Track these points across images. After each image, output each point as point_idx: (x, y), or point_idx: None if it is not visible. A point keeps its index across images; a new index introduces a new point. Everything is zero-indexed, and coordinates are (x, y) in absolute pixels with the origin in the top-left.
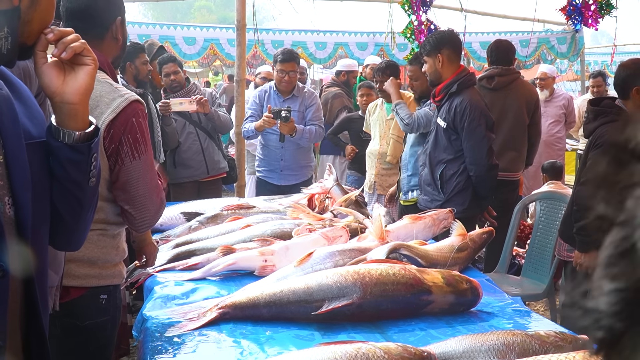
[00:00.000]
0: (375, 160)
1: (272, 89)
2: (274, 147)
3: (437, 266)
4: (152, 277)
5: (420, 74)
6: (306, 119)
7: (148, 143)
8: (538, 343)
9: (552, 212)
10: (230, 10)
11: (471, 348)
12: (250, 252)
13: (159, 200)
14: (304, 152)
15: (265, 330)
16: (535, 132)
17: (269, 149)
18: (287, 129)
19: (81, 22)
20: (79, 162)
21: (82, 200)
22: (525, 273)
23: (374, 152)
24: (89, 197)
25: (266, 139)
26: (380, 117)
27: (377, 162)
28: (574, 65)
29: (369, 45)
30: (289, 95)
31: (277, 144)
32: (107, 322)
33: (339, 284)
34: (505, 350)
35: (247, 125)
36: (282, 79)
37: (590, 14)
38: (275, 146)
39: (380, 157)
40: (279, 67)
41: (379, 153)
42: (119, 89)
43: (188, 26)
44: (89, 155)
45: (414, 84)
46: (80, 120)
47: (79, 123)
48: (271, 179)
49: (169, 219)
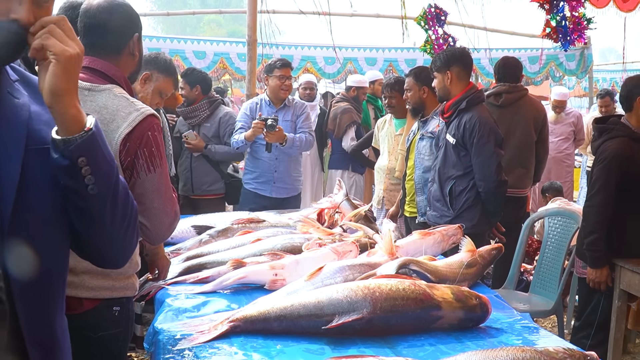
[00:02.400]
0: (384, 175)
1: (263, 100)
2: (267, 159)
3: (447, 282)
4: (163, 290)
5: (413, 86)
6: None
7: (163, 156)
8: (547, 359)
9: (561, 228)
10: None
11: None
12: (260, 265)
13: (173, 212)
14: (296, 164)
15: (275, 343)
16: (542, 149)
17: (261, 161)
18: (276, 138)
19: (99, 37)
20: (65, 167)
21: (89, 209)
22: (534, 289)
23: (382, 167)
24: (98, 208)
25: (259, 151)
26: (389, 133)
27: (386, 177)
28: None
29: (378, 61)
30: (280, 105)
31: (271, 156)
32: (120, 333)
33: (349, 299)
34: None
35: (237, 136)
36: (283, 84)
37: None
38: (269, 157)
39: (388, 173)
40: (278, 74)
41: (388, 168)
42: (135, 103)
43: (198, 40)
44: (72, 159)
45: (408, 95)
46: (60, 123)
47: (61, 126)
48: (263, 191)
49: (180, 232)
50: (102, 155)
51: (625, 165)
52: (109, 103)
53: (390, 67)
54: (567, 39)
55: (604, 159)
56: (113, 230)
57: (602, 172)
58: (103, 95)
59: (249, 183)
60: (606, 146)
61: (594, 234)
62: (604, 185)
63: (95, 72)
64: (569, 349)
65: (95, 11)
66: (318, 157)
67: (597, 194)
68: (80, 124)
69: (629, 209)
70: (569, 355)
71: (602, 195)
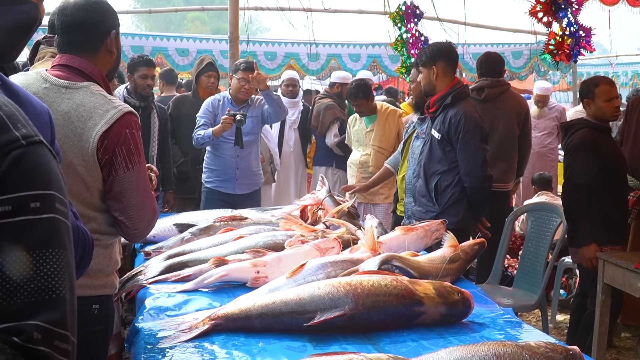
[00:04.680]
0: (356, 169)
1: (225, 97)
2: (229, 156)
3: (429, 277)
4: (144, 289)
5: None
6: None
7: (141, 154)
8: (529, 354)
9: (543, 223)
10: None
11: (462, 359)
12: (242, 263)
13: (152, 210)
14: (256, 160)
15: (257, 341)
16: (525, 143)
17: (223, 159)
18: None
19: (76, 35)
20: None
21: None
22: (518, 284)
23: (354, 161)
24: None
25: (220, 148)
26: (360, 130)
27: (358, 171)
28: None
29: (362, 57)
30: (243, 105)
31: (233, 153)
32: (99, 332)
33: (331, 295)
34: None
35: (202, 132)
36: (243, 87)
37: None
38: (231, 155)
39: (361, 167)
40: (240, 76)
41: (360, 162)
42: (113, 101)
43: (181, 37)
44: None
45: (412, 87)
46: None
47: None
48: (225, 188)
49: (161, 230)
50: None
51: (590, 150)
52: (86, 100)
53: (374, 63)
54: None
55: (570, 149)
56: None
57: (570, 160)
58: (80, 92)
59: (210, 182)
60: (571, 139)
61: (572, 214)
62: (574, 171)
63: (72, 70)
64: (551, 343)
65: (72, 9)
66: (302, 153)
67: (569, 179)
68: None
69: (598, 191)
70: (551, 349)
71: (573, 179)
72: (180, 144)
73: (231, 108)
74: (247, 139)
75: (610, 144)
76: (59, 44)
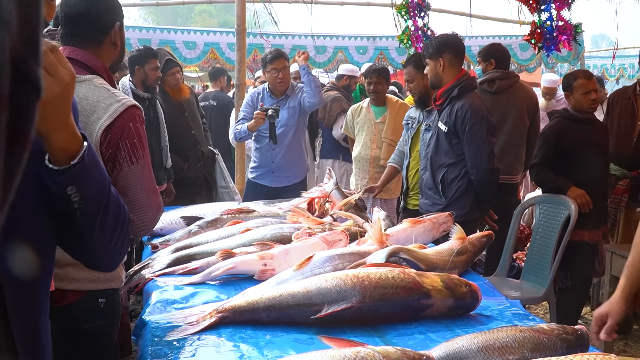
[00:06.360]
0: (368, 165)
1: (265, 90)
2: (265, 150)
3: (437, 270)
4: (151, 282)
5: (415, 75)
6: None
7: (146, 148)
8: (545, 337)
9: (552, 215)
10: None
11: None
12: (249, 256)
13: (157, 204)
14: (295, 153)
15: (264, 334)
16: (534, 135)
17: (261, 152)
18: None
19: (79, 27)
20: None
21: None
22: (525, 276)
23: (365, 157)
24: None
25: (259, 142)
26: (368, 120)
27: (370, 167)
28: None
29: (369, 49)
30: (281, 97)
31: (269, 146)
32: (106, 325)
33: (338, 288)
34: (518, 346)
35: (240, 127)
36: (277, 78)
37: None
38: (267, 148)
39: (372, 162)
40: (270, 67)
41: (371, 157)
42: (116, 94)
43: (188, 30)
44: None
45: (411, 86)
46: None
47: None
48: (263, 181)
49: (168, 223)
50: (92, 181)
51: (556, 139)
52: (90, 94)
53: (381, 56)
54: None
55: (541, 134)
56: (101, 243)
57: (538, 143)
58: (83, 86)
59: (252, 173)
60: (546, 126)
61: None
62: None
63: (75, 63)
64: (562, 326)
65: (76, 0)
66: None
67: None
68: (70, 156)
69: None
70: (563, 331)
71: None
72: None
73: (269, 101)
74: (282, 130)
75: (585, 134)
76: (62, 35)
